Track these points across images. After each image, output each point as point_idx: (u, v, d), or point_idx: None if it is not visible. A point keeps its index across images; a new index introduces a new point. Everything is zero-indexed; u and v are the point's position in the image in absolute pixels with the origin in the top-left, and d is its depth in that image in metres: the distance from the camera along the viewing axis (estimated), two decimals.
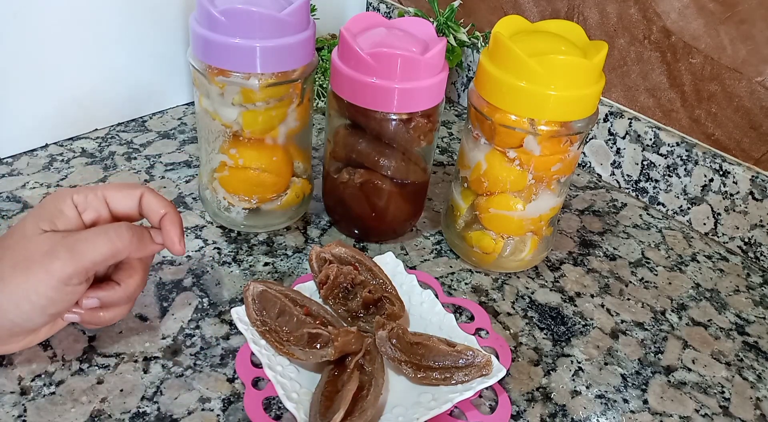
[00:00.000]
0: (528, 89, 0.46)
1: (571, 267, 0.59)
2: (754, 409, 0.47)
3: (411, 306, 0.50)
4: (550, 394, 0.46)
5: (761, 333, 0.54)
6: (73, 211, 0.39)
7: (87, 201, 0.40)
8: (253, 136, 0.52)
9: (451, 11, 0.77)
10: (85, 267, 0.37)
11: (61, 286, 0.37)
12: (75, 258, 0.37)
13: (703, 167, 0.63)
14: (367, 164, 0.54)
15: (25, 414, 0.40)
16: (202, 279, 0.52)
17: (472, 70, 0.82)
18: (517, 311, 0.53)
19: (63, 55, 0.63)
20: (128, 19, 0.66)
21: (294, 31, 0.48)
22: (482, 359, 0.43)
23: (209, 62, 0.48)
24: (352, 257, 0.50)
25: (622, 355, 0.50)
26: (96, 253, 0.38)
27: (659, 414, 0.46)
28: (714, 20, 0.60)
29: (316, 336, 0.43)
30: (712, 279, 0.60)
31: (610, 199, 0.70)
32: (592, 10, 0.68)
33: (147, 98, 0.73)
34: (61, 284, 0.37)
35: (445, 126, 0.80)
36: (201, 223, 0.58)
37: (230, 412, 0.42)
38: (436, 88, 0.50)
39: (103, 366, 0.44)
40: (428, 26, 0.52)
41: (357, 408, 0.39)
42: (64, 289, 0.37)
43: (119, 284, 0.41)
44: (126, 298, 0.42)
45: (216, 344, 0.47)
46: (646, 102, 0.68)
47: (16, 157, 0.64)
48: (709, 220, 0.65)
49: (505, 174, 0.51)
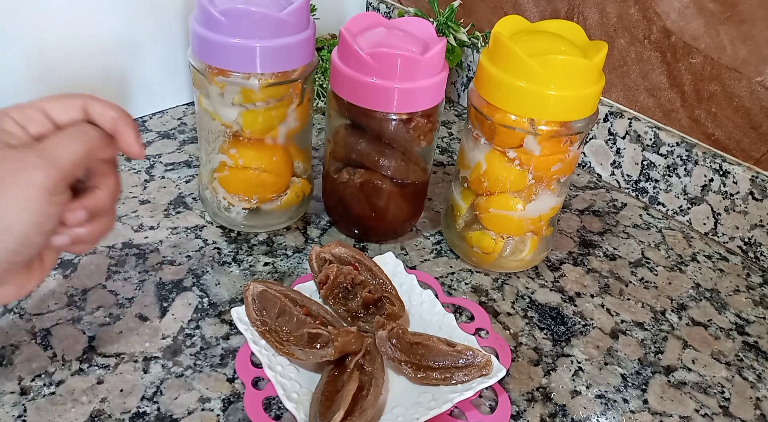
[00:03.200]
0: (528, 89, 0.46)
1: (571, 267, 0.59)
2: (754, 409, 0.47)
3: (411, 306, 0.50)
4: (550, 394, 0.46)
5: (761, 333, 0.54)
6: (16, 127, 0.35)
7: (27, 115, 0.36)
8: (253, 136, 0.52)
9: (451, 11, 0.77)
10: (66, 172, 0.35)
11: (49, 196, 0.34)
12: (54, 165, 0.34)
13: (703, 167, 0.64)
14: (367, 164, 0.54)
15: (25, 414, 0.40)
16: (202, 279, 0.52)
17: (472, 70, 0.82)
18: (517, 311, 0.53)
19: (63, 55, 0.63)
20: (128, 19, 0.66)
21: (294, 31, 0.48)
22: (482, 359, 0.43)
23: (209, 62, 0.48)
24: (352, 257, 0.50)
25: (622, 355, 0.50)
26: (73, 154, 0.35)
27: (659, 414, 0.46)
28: (714, 20, 0.60)
29: (316, 336, 0.43)
30: (712, 279, 0.60)
31: (610, 199, 0.70)
32: (592, 10, 0.68)
33: (147, 98, 0.73)
34: (48, 194, 0.34)
35: (445, 126, 0.80)
36: (201, 223, 0.58)
37: (230, 412, 0.42)
38: (436, 88, 0.50)
39: (103, 366, 0.44)
40: (428, 26, 0.52)
41: (357, 408, 0.39)
42: (51, 199, 0.34)
43: (99, 188, 0.39)
44: (110, 201, 0.40)
45: (216, 344, 0.47)
46: (646, 102, 0.68)
47: None
48: (709, 220, 0.65)
49: (505, 174, 0.51)
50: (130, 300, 0.49)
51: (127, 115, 0.39)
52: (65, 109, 0.37)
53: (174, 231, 0.57)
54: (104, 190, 0.39)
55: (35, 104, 0.37)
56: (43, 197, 0.34)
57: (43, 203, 0.34)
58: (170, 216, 0.59)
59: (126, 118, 0.38)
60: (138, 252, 0.54)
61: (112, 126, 0.38)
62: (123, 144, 0.38)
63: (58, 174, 0.34)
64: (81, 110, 0.38)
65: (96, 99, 0.38)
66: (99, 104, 0.38)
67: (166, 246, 0.55)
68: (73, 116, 0.38)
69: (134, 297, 0.50)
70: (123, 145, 0.38)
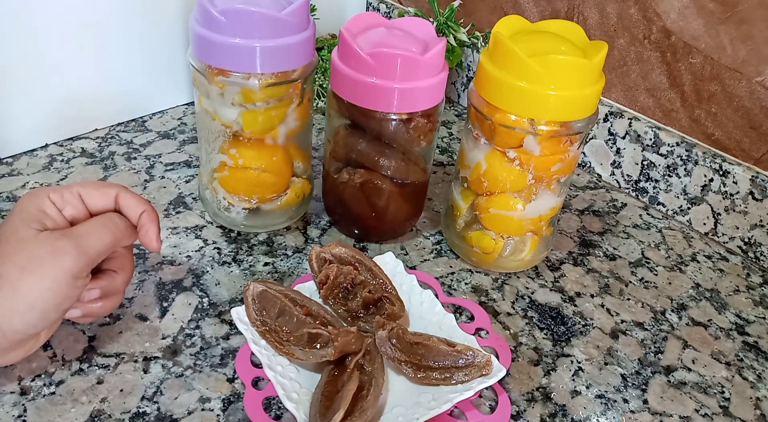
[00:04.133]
0: (528, 89, 0.46)
1: (571, 267, 0.59)
2: (754, 409, 0.47)
3: (411, 306, 0.50)
4: (550, 394, 0.46)
5: (761, 333, 0.54)
6: (54, 209, 0.40)
7: (64, 199, 0.40)
8: (253, 136, 0.52)
9: (451, 11, 0.77)
10: (92, 259, 0.39)
11: (73, 281, 0.38)
12: (83, 252, 0.38)
13: (703, 167, 0.63)
14: (367, 164, 0.54)
15: (25, 414, 0.40)
16: (202, 279, 0.52)
17: (472, 70, 0.82)
18: (517, 311, 0.53)
19: (63, 55, 0.63)
20: (128, 18, 0.66)
21: (294, 31, 0.48)
22: (482, 359, 0.43)
23: (209, 62, 0.48)
24: (352, 257, 0.50)
25: (622, 355, 0.50)
26: (101, 244, 0.39)
27: (659, 414, 0.46)
28: (714, 20, 0.60)
29: (316, 336, 0.43)
30: (712, 279, 0.60)
31: (610, 199, 0.70)
32: (592, 10, 0.68)
33: (147, 98, 0.73)
34: (73, 278, 0.38)
35: (445, 126, 0.80)
36: (201, 223, 0.58)
37: (230, 412, 0.42)
38: (436, 88, 0.50)
39: (103, 366, 0.44)
40: (428, 26, 0.52)
41: (357, 408, 0.39)
42: (75, 283, 0.38)
43: (116, 272, 0.43)
44: (123, 285, 0.43)
45: (216, 344, 0.47)
46: (646, 102, 0.68)
47: (16, 157, 0.64)
48: (709, 220, 0.65)
49: (505, 174, 0.51)
50: (130, 300, 0.49)
51: (152, 210, 0.43)
52: (100, 197, 0.42)
53: (174, 231, 0.57)
54: (120, 274, 0.43)
55: (74, 189, 0.41)
56: (68, 281, 0.38)
57: (68, 286, 0.38)
58: (170, 216, 0.59)
59: (151, 213, 0.43)
60: (138, 252, 0.54)
61: (137, 219, 0.42)
62: (144, 237, 0.42)
63: (86, 262, 0.38)
64: (113, 199, 0.42)
65: (128, 191, 0.43)
66: (130, 197, 0.43)
67: (166, 246, 0.55)
68: (105, 204, 0.42)
69: (134, 297, 0.50)
70: (144, 238, 0.42)
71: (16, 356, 0.39)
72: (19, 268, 0.37)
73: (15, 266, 0.37)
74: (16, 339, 0.38)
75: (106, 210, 0.42)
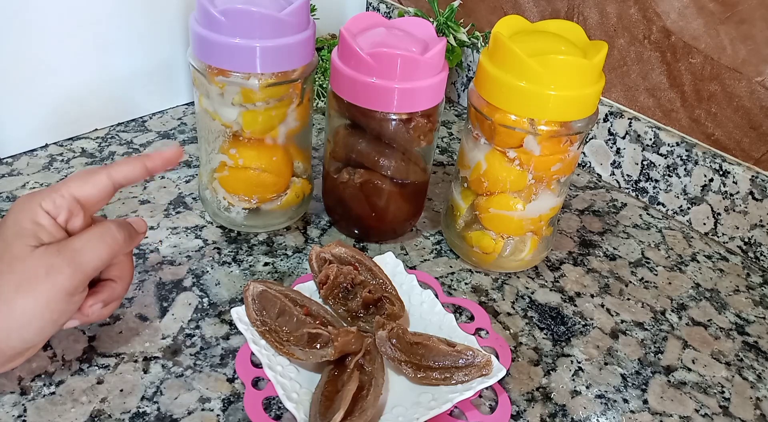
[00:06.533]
0: (528, 89, 0.46)
1: (571, 267, 0.59)
2: (754, 409, 0.47)
3: (411, 306, 0.50)
4: (550, 394, 0.46)
5: (761, 333, 0.54)
6: (47, 219, 0.39)
7: (57, 205, 0.39)
8: (253, 136, 0.52)
9: (451, 11, 0.77)
10: (88, 275, 0.39)
11: (69, 298, 0.38)
12: (78, 269, 0.38)
13: (703, 167, 0.63)
14: (367, 164, 0.54)
15: (25, 414, 0.40)
16: (202, 279, 0.52)
17: (472, 70, 0.82)
18: (517, 311, 0.53)
19: (63, 55, 0.63)
20: (128, 18, 0.66)
21: (294, 31, 0.48)
22: (482, 359, 0.43)
23: (209, 62, 0.48)
24: (352, 257, 0.50)
25: (622, 355, 0.50)
26: (97, 259, 0.39)
27: (659, 414, 0.46)
28: (714, 20, 0.60)
29: (316, 336, 0.43)
30: (712, 279, 0.60)
31: (610, 198, 0.70)
32: (592, 10, 0.68)
33: (147, 98, 0.73)
34: (69, 296, 0.38)
35: (445, 126, 0.80)
36: (201, 223, 0.58)
37: (230, 412, 0.42)
38: (436, 88, 0.50)
39: (103, 366, 0.44)
40: (428, 26, 0.52)
41: (357, 408, 0.39)
42: (71, 300, 0.38)
43: (115, 281, 0.42)
44: (123, 292, 0.43)
45: (216, 344, 0.47)
46: (646, 102, 0.68)
47: (16, 157, 0.64)
48: (709, 220, 0.65)
49: (505, 174, 0.51)
50: (130, 300, 0.49)
51: (148, 155, 0.43)
52: (92, 188, 0.41)
53: (174, 231, 0.57)
54: (119, 283, 0.43)
55: (64, 190, 0.40)
56: (64, 298, 0.37)
57: (64, 303, 0.38)
58: (170, 216, 0.59)
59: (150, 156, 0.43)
60: (138, 252, 0.54)
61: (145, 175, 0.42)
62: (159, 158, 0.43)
63: (81, 279, 0.38)
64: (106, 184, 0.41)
65: (116, 166, 0.41)
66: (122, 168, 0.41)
67: (166, 246, 0.55)
68: (100, 192, 0.41)
69: (134, 297, 0.50)
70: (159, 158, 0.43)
71: (15, 364, 0.40)
72: (14, 287, 0.36)
73: (10, 284, 0.36)
74: (13, 353, 0.38)
75: (104, 197, 0.41)
